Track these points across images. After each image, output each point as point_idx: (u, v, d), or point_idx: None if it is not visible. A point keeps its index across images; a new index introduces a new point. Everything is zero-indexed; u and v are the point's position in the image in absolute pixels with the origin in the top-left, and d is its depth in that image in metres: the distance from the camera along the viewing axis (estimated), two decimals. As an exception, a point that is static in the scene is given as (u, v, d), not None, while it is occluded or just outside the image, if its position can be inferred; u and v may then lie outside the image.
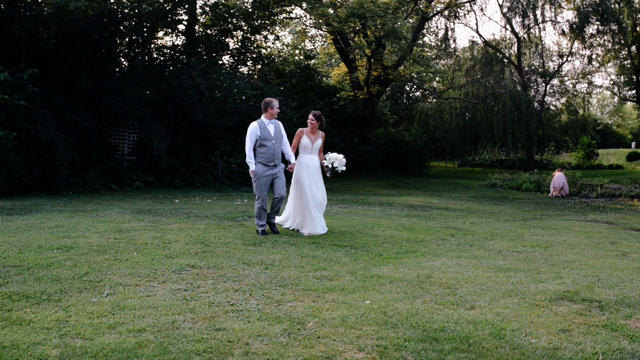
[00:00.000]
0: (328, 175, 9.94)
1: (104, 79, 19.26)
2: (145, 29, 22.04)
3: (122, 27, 20.78)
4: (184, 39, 25.65)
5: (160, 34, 25.25)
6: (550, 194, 22.08)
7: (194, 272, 6.63)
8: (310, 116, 9.80)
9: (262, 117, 9.36)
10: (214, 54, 25.52)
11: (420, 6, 30.08)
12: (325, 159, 9.90)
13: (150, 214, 12.05)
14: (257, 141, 9.19)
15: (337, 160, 9.88)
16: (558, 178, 22.10)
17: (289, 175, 9.66)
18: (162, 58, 23.77)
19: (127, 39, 21.88)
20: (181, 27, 25.62)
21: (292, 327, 4.80)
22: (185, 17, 25.22)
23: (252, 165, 9.25)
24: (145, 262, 7.02)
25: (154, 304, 5.30)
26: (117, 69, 21.56)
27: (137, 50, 22.63)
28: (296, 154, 9.89)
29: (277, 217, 9.98)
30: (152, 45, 23.87)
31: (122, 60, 22.53)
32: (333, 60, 39.21)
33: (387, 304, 5.56)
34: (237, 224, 10.77)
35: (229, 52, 27.62)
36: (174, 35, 25.96)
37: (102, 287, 5.86)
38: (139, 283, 6.06)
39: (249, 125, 9.26)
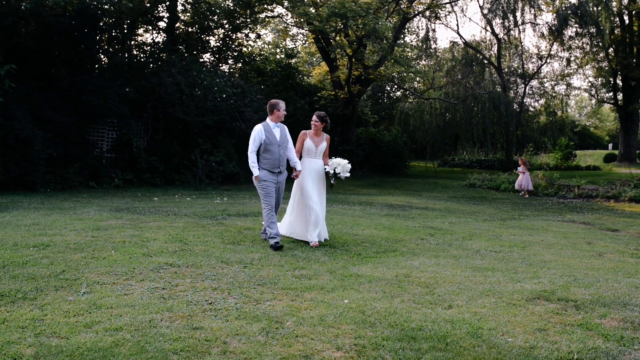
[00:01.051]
0: (332, 182, 9.21)
1: (83, 76, 19.05)
2: (125, 26, 21.86)
3: (101, 24, 20.58)
4: (164, 36, 25.48)
5: (141, 30, 25.07)
6: (522, 194, 22.38)
7: (172, 270, 6.60)
8: (314, 117, 9.18)
9: (268, 119, 8.72)
10: (194, 52, 25.37)
11: (402, 6, 30.20)
12: (328, 165, 9.19)
13: (129, 212, 11.97)
14: (261, 145, 8.55)
15: (340, 165, 9.15)
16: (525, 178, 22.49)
17: (290, 181, 9.06)
18: (142, 55, 23.59)
19: (106, 36, 21.67)
20: (162, 24, 25.45)
21: (270, 326, 4.80)
22: (166, 14, 25.06)
23: (255, 171, 8.48)
24: (123, 260, 6.98)
25: (131, 303, 5.27)
26: (96, 66, 21.35)
27: (117, 47, 22.44)
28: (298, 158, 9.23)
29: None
30: (132, 42, 23.68)
31: (102, 56, 22.31)
32: (314, 59, 39.21)
33: (366, 303, 5.58)
34: (217, 222, 10.73)
35: (209, 50, 27.49)
36: (154, 32, 25.80)
37: (79, 285, 5.81)
38: (117, 281, 6.02)
39: (254, 127, 8.63)
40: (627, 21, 38.50)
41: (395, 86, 40.12)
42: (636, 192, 20.21)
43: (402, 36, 33.79)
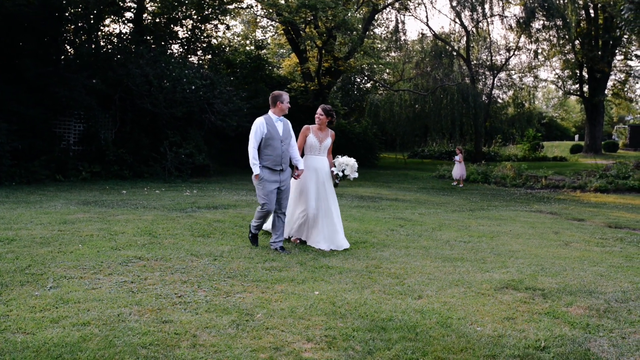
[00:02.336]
0: (337, 182, 8.60)
1: (48, 67, 18.71)
2: (91, 16, 21.50)
3: (67, 14, 20.22)
4: (132, 27, 25.12)
5: (107, 21, 24.65)
6: (458, 184, 22.91)
7: (141, 264, 6.54)
8: (319, 111, 8.46)
9: (270, 112, 7.94)
10: (162, 43, 25.05)
11: (372, -2, 30.21)
12: (335, 165, 8.54)
13: (97, 205, 11.82)
14: (262, 141, 7.77)
15: (348, 166, 8.53)
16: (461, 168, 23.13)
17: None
18: (109, 46, 23.23)
19: (72, 26, 21.30)
20: (129, 14, 25.08)
21: (240, 318, 4.79)
22: (134, 5, 24.70)
23: (256, 169, 7.69)
24: (91, 254, 6.90)
25: (99, 297, 5.21)
26: (62, 57, 20.97)
27: (83, 37, 22.06)
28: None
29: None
30: (99, 33, 23.30)
31: (68, 47, 21.92)
32: (284, 50, 39.06)
33: (336, 295, 5.59)
34: (186, 215, 10.66)
35: (178, 41, 27.18)
36: (121, 23, 25.39)
37: (45, 280, 5.73)
38: (84, 275, 5.94)
39: (254, 121, 7.89)
40: (592, 14, 39.08)
41: (365, 78, 40.18)
42: (601, 182, 20.57)
43: (371, 28, 33.84)
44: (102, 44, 23.16)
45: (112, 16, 24.20)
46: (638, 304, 5.63)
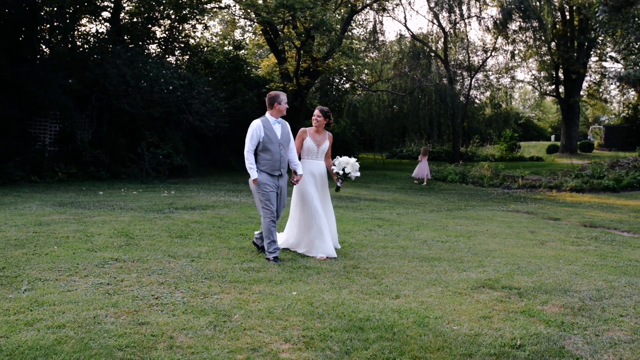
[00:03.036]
0: (339, 184, 8.32)
1: (24, 67, 18.48)
2: (67, 15, 21.28)
3: (42, 13, 19.98)
4: (108, 27, 24.91)
5: (84, 20, 24.42)
6: (419, 182, 23.44)
7: (118, 265, 6.49)
8: (317, 112, 8.11)
9: (267, 114, 7.55)
10: (140, 43, 24.88)
11: (350, -1, 30.25)
12: (335, 165, 8.27)
13: (73, 206, 11.71)
14: (259, 144, 7.35)
15: (349, 165, 8.27)
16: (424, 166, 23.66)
17: (289, 185, 7.90)
18: (85, 46, 23.02)
19: (48, 26, 21.07)
20: (106, 14, 24.86)
21: (217, 319, 4.77)
22: (110, 4, 24.49)
23: (253, 173, 7.28)
24: (66, 256, 6.83)
25: (74, 299, 5.16)
26: (38, 57, 20.73)
27: (59, 37, 21.83)
28: None
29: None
30: (75, 33, 23.07)
31: (44, 47, 21.68)
32: (262, 51, 38.94)
33: (314, 295, 5.60)
34: (164, 216, 10.59)
35: (156, 41, 27.00)
36: (98, 22, 25.16)
37: (20, 282, 5.66)
38: (59, 278, 5.88)
39: (251, 123, 7.45)
40: (568, 16, 39.49)
41: (344, 78, 40.23)
42: (577, 182, 20.81)
43: (350, 28, 33.87)
44: (78, 43, 22.95)
45: (88, 15, 23.97)
46: (612, 302, 5.71)
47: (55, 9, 20.38)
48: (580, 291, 6.06)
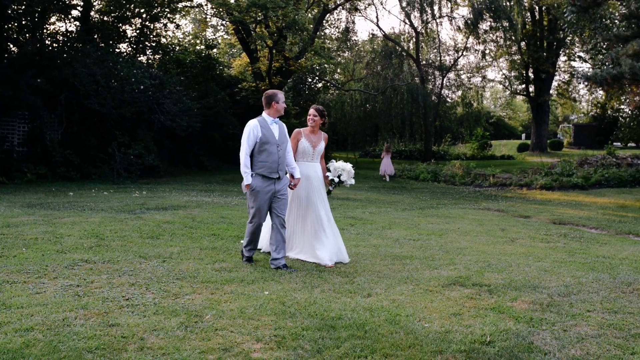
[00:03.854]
0: (331, 189, 8.08)
1: (-10, 66, 18.24)
2: (36, 14, 20.98)
3: (9, 11, 19.66)
4: (78, 26, 24.61)
5: (53, 19, 24.11)
6: (384, 178, 24.45)
7: (88, 267, 6.42)
8: (312, 111, 7.72)
9: (264, 114, 7.08)
10: (110, 42, 24.64)
11: (322, -2, 30.27)
12: (330, 170, 8.00)
13: (42, 207, 11.55)
14: (255, 145, 6.91)
15: (344, 172, 8.04)
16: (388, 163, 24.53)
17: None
18: (55, 45, 22.71)
19: (16, 24, 20.75)
20: (75, 12, 24.56)
21: (189, 320, 4.75)
22: (80, 2, 24.20)
23: (247, 177, 6.82)
24: (35, 257, 6.74)
25: (43, 302, 5.09)
26: (5, 55, 20.42)
27: (27, 35, 21.52)
28: None
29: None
30: (44, 31, 22.76)
31: (11, 46, 21.35)
32: (234, 50, 38.81)
33: (286, 294, 5.60)
34: (135, 216, 10.51)
35: (126, 40, 26.77)
36: (67, 21, 24.86)
37: (-13, 285, 5.57)
38: (28, 280, 5.81)
39: (247, 123, 7.01)
40: (537, 16, 39.97)
41: (317, 78, 40.25)
42: (547, 180, 21.08)
43: (322, 28, 33.91)
44: (47, 42, 22.62)
45: (57, 14, 23.68)
46: (579, 297, 5.80)
47: (23, 7, 20.08)
48: (549, 287, 6.15)
